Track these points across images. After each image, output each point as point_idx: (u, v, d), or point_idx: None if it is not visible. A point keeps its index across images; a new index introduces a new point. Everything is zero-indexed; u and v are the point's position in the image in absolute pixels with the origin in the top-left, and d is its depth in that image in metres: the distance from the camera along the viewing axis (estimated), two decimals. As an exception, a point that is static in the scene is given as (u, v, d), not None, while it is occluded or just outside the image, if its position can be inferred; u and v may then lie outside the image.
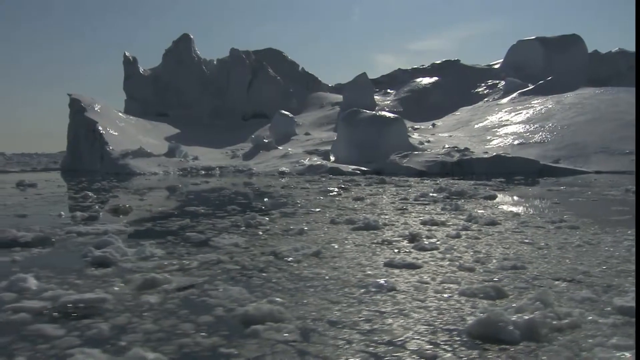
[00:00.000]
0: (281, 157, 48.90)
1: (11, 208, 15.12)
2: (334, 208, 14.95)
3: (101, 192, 21.64)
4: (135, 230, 10.30)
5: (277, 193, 21.44)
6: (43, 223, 11.30)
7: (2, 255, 7.85)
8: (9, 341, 4.26)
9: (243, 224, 11.26)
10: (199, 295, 5.64)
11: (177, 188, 23.99)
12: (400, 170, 38.98)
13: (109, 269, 6.89)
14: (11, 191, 22.98)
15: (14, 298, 5.49)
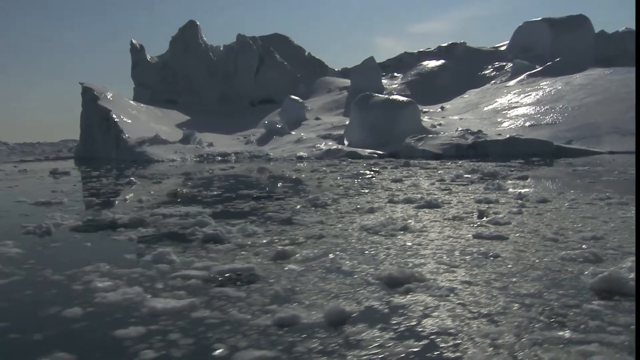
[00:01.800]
0: (295, 142, 49.51)
1: (74, 194, 15.83)
2: (379, 189, 15.64)
3: (142, 179, 22.31)
4: (213, 211, 11.00)
5: (312, 176, 22.13)
6: (120, 207, 12.01)
7: (117, 235, 8.57)
8: (206, 301, 4.97)
9: (309, 204, 11.94)
10: (332, 263, 6.35)
11: (212, 173, 24.66)
12: (416, 153, 39.63)
13: (228, 244, 7.59)
14: (50, 179, 23.66)
15: (171, 268, 6.21)
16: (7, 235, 8.57)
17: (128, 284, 5.53)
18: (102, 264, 6.52)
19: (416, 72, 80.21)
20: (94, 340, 4.06)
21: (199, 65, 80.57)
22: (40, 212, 11.75)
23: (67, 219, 10.33)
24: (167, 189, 16.47)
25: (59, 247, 7.83)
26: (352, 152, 39.94)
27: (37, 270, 6.37)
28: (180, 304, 4.76)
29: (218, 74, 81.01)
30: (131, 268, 6.23)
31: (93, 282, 5.64)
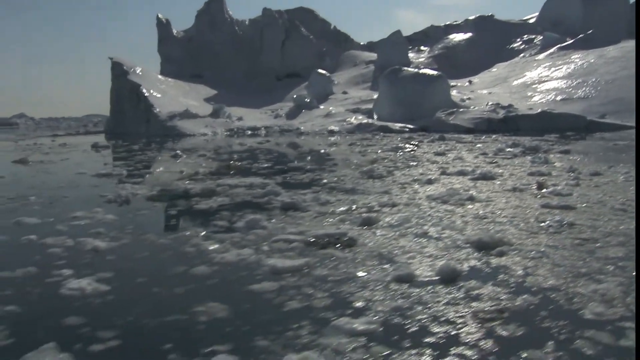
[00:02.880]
0: (325, 116, 49.71)
1: (128, 167, 16.39)
2: (426, 162, 15.92)
3: (187, 152, 22.84)
4: (275, 182, 11.41)
5: (352, 149, 22.44)
6: (181, 179, 12.51)
7: (196, 203, 9.04)
8: (319, 260, 5.39)
9: (365, 176, 12.30)
10: (417, 229, 6.73)
11: (250, 147, 25.11)
12: (447, 128, 39.59)
13: (308, 211, 8.01)
14: (94, 152, 24.31)
15: (268, 233, 6.64)
16: (91, 204, 9.08)
17: (236, 247, 5.97)
18: (199, 229, 6.98)
19: (443, 46, 79.40)
20: (236, 294, 4.49)
21: (225, 39, 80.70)
22: (106, 183, 12.29)
23: (138, 189, 10.83)
24: (214, 161, 16.95)
25: (147, 214, 8.31)
26: (383, 126, 40.07)
27: (140, 234, 6.85)
28: (297, 262, 5.18)
29: (244, 48, 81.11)
30: (229, 233, 6.67)
31: (202, 245, 6.09)
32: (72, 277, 4.88)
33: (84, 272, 5.06)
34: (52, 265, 5.37)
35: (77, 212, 8.30)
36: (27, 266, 5.30)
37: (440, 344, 3.40)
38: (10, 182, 12.66)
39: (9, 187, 11.69)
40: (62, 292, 4.52)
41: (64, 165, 17.83)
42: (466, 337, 3.51)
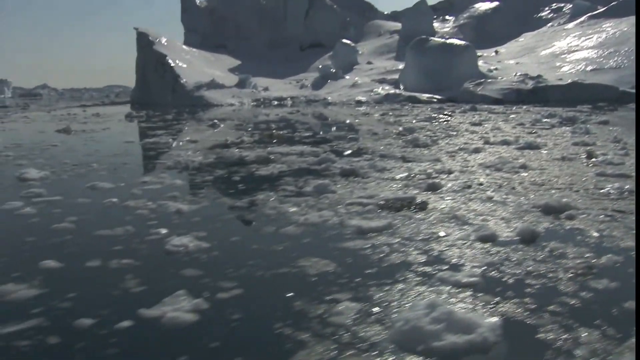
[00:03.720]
0: (351, 86, 49.62)
1: (171, 136, 16.77)
2: (465, 132, 16.05)
3: (223, 121, 23.18)
4: (324, 150, 11.68)
5: (386, 119, 22.58)
6: (229, 147, 12.85)
7: (255, 170, 9.36)
8: (399, 221, 5.68)
9: (410, 145, 12.51)
10: (481, 194, 6.97)
11: (283, 117, 25.36)
12: (475, 98, 39.35)
13: (369, 177, 8.30)
14: (129, 122, 24.76)
15: (339, 197, 6.95)
16: (154, 170, 9.47)
17: (314, 210, 6.28)
18: (269, 193, 7.30)
19: (468, 15, 78.17)
20: (333, 251, 4.80)
21: (248, 9, 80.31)
22: (158, 151, 12.65)
23: (192, 156, 11.18)
24: (254, 130, 17.25)
25: (214, 179, 8.65)
26: (411, 97, 39.99)
27: (216, 198, 7.21)
28: (380, 223, 5.48)
29: (267, 18, 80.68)
30: (302, 197, 6.99)
31: (280, 208, 6.42)
32: (171, 235, 5.23)
33: (178, 231, 5.40)
34: (147, 225, 5.74)
35: (145, 177, 8.67)
36: (123, 225, 5.66)
37: (541, 295, 3.67)
38: (65, 150, 13.10)
39: (66, 154, 12.12)
40: (168, 248, 4.86)
41: (108, 134, 18.28)
42: (564, 289, 3.78)
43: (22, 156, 11.77)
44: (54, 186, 8.11)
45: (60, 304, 3.67)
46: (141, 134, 17.15)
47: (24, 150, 12.82)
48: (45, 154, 12.16)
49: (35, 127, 22.35)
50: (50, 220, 5.98)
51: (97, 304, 3.67)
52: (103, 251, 4.83)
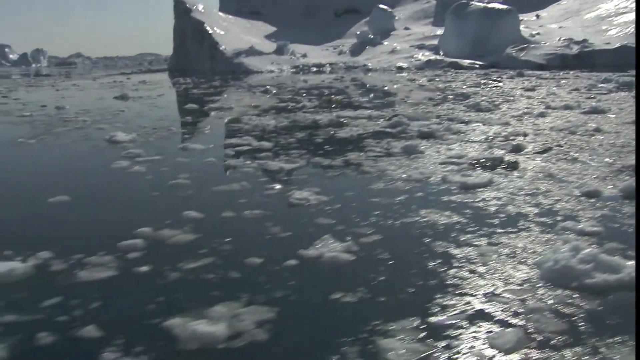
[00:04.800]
0: (390, 52, 49.28)
1: (232, 102, 17.19)
2: (520, 97, 16.10)
3: (276, 87, 23.50)
4: (390, 114, 11.94)
5: (435, 85, 22.61)
6: (293, 112, 13.21)
7: (333, 133, 9.69)
8: (498, 176, 5.98)
9: (472, 109, 12.68)
10: (567, 155, 7.20)
11: (328, 83, 25.55)
12: (517, 64, 38.80)
13: (447, 139, 8.58)
14: (183, 90, 25.26)
15: (429, 156, 7.26)
16: (235, 132, 9.87)
17: (411, 168, 6.61)
18: (360, 153, 7.64)
19: (509, -22, 76.00)
20: (450, 204, 5.14)
21: (283, -26, 79.64)
22: (226, 115, 13.06)
23: (265, 120, 11.57)
24: (309, 96, 17.55)
25: (298, 141, 9.01)
26: (453, 63, 39.66)
27: (313, 157, 7.58)
28: (483, 179, 5.80)
29: (302, -17, 79.95)
30: (394, 157, 7.32)
31: (378, 166, 6.77)
32: (289, 190, 5.63)
33: (292, 187, 5.81)
34: (258, 182, 6.17)
35: (229, 140, 9.10)
36: (237, 181, 6.09)
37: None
38: (135, 115, 13.62)
39: (138, 119, 12.64)
40: (292, 201, 5.27)
41: (167, 100, 18.82)
42: (685, 237, 4.06)
43: (97, 121, 12.31)
44: (147, 147, 8.57)
45: (222, 247, 4.10)
46: (198, 100, 17.60)
47: (96, 116, 13.37)
48: (118, 119, 12.68)
49: (90, 94, 23.01)
50: (164, 177, 6.44)
51: (255, 246, 4.09)
52: (231, 203, 5.25)
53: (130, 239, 4.21)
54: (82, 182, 6.52)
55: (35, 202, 5.54)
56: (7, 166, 7.78)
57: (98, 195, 5.91)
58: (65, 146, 9.12)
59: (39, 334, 2.83)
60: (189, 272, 3.62)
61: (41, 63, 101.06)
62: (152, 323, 2.91)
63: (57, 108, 15.34)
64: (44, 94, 22.73)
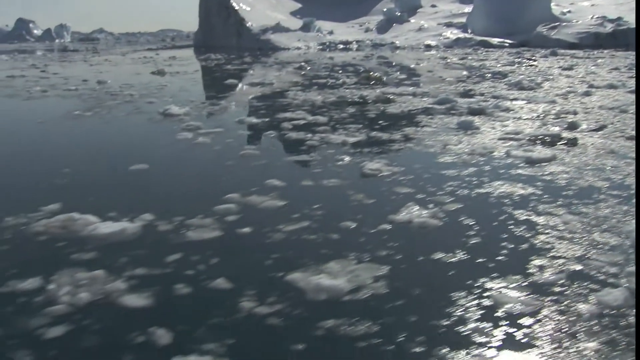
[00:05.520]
0: (417, 30, 48.85)
1: (272, 78, 17.37)
2: (559, 76, 16.03)
3: (309, 63, 23.59)
4: (431, 92, 12.03)
5: (468, 63, 22.52)
6: (336, 89, 13.37)
7: (385, 109, 9.85)
8: (560, 152, 6.13)
9: (514, 87, 12.72)
10: (623, 133, 7.28)
11: (362, 60, 25.55)
12: (549, 43, 38.23)
13: (498, 116, 8.70)
14: (215, 66, 25.45)
15: (483, 132, 7.40)
16: (287, 107, 10.07)
17: (472, 143, 6.77)
18: (415, 128, 7.81)
19: (539, -46, 74.41)
20: (518, 176, 5.31)
21: (309, -50, 78.77)
22: (270, 90, 13.27)
23: (312, 95, 11.75)
24: (345, 73, 17.66)
25: (351, 116, 9.20)
26: (483, 41, 39.25)
27: (371, 132, 7.76)
28: (546, 154, 5.96)
29: (327, -41, 79.05)
30: (451, 131, 7.48)
31: (439, 140, 6.93)
32: (359, 162, 5.85)
33: (362, 158, 6.03)
34: (327, 153, 6.40)
35: (283, 114, 9.30)
36: (307, 153, 6.32)
37: None
38: (179, 90, 13.89)
39: (183, 93, 12.92)
40: (365, 172, 5.50)
41: (204, 75, 19.05)
42: None
43: (144, 95, 12.58)
44: (204, 120, 8.84)
45: (313, 212, 4.34)
46: (236, 75, 17.81)
47: (141, 90, 13.65)
48: (164, 93, 12.95)
49: (126, 69, 23.31)
50: (232, 148, 6.73)
51: (344, 212, 4.33)
52: (307, 173, 5.50)
53: (223, 204, 4.46)
54: (154, 151, 6.80)
55: (117, 169, 5.83)
56: (74, 138, 8.09)
57: (174, 163, 6.18)
58: (122, 119, 9.40)
59: (176, 285, 3.09)
60: (290, 234, 3.87)
61: (65, 38, 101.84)
62: (275, 277, 3.16)
63: (99, 82, 15.64)
64: (80, 69, 23.10)
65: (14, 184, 5.40)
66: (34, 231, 4.01)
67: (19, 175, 5.80)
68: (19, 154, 6.85)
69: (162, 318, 2.71)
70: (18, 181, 5.53)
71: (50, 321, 2.73)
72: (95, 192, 4.96)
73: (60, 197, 4.63)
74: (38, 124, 9.05)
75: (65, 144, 7.55)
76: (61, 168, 5.78)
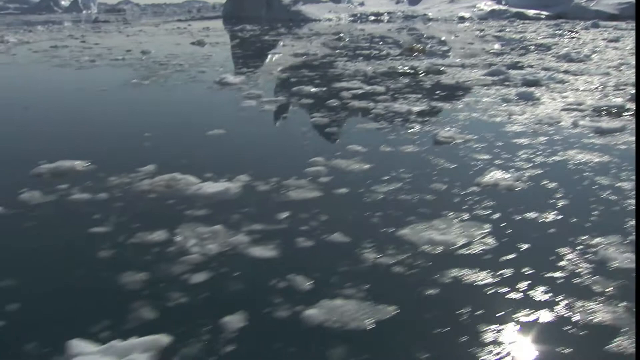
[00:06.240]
0: (450, 1, 48.15)
1: (315, 49, 17.45)
2: (607, 48, 15.83)
3: (347, 33, 23.57)
4: (481, 64, 12.03)
5: (507, 35, 22.28)
6: (383, 60, 13.43)
7: (439, 80, 9.94)
8: (631, 125, 6.20)
9: (563, 59, 12.65)
10: None
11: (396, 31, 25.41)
12: (587, 14, 37.46)
13: (553, 87, 8.75)
14: (250, 37, 25.54)
15: (543, 102, 7.48)
16: (340, 77, 10.21)
17: (535, 114, 6.87)
18: (473, 97, 7.91)
19: None
20: (584, 145, 5.43)
21: None
22: (318, 61, 13.38)
23: (361, 65, 11.87)
24: (385, 44, 17.66)
25: (406, 87, 9.32)
26: (518, 13, 38.62)
27: (431, 101, 7.89)
28: (616, 125, 6.05)
29: None
30: (511, 102, 7.58)
31: (502, 109, 7.04)
32: (431, 130, 6.02)
33: (431, 126, 6.19)
34: (394, 122, 6.56)
35: (339, 83, 9.45)
36: (376, 121, 6.49)
37: None
38: (225, 59, 14.16)
39: (229, 64, 13.11)
40: (439, 139, 5.66)
41: (244, 46, 19.22)
42: None
43: (193, 65, 12.82)
44: (262, 89, 9.05)
45: (400, 175, 4.53)
46: (275, 46, 17.96)
47: (189, 60, 13.88)
48: (212, 63, 13.17)
49: (164, 40, 23.53)
50: (300, 115, 6.94)
51: (430, 175, 4.52)
52: (382, 139, 5.69)
53: (312, 167, 4.69)
54: (225, 118, 7.05)
55: (196, 134, 6.07)
56: (142, 104, 8.36)
57: (248, 129, 6.42)
58: (182, 87, 9.65)
59: (296, 239, 3.33)
60: (386, 194, 4.09)
61: (91, 9, 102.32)
62: (387, 232, 3.39)
63: (143, 53, 15.89)
64: (118, 40, 23.39)
65: (105, 147, 5.68)
66: (140, 189, 4.28)
67: (106, 138, 6.08)
68: (96, 120, 7.14)
69: (294, 267, 2.95)
70: (107, 144, 5.80)
71: (191, 268, 2.99)
72: (184, 155, 5.21)
73: (152, 160, 4.89)
74: (101, 91, 9.34)
75: (137, 110, 7.85)
76: (142, 132, 6.04)
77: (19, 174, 4.74)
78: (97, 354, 2.26)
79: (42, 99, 8.92)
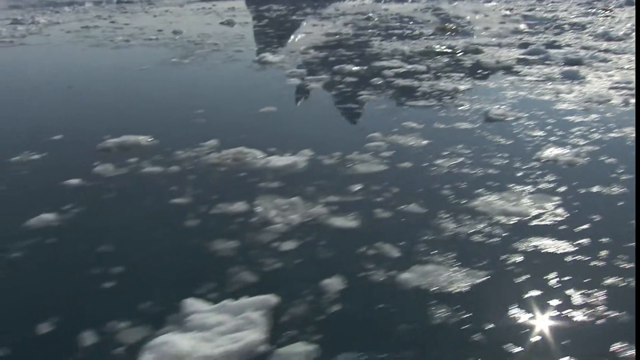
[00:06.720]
0: (476, -20, 47.25)
1: (349, 28, 17.43)
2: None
3: (377, 14, 23.47)
4: (513, 40, 11.96)
5: (538, 15, 22.00)
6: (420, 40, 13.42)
7: (481, 59, 9.94)
8: None
9: (601, 38, 12.52)
10: None
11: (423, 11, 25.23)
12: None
13: (592, 66, 8.71)
14: (276, 17, 25.52)
15: (592, 84, 7.48)
16: (384, 57, 10.25)
17: (584, 93, 6.89)
18: (514, 77, 7.94)
19: None
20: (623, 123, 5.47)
21: None
22: (354, 40, 13.41)
23: (397, 45, 11.88)
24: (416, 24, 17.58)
25: (445, 66, 9.35)
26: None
27: (475, 80, 7.93)
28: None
29: None
30: (556, 81, 7.59)
31: (549, 89, 7.06)
32: (480, 107, 6.09)
33: (479, 104, 6.26)
34: (443, 100, 6.64)
35: (380, 62, 9.52)
36: (424, 99, 6.57)
37: None
38: (256, 39, 14.15)
39: (266, 43, 13.16)
40: (491, 116, 5.73)
41: (274, 26, 19.22)
42: None
43: (228, 44, 12.94)
44: (303, 68, 9.17)
45: (457, 150, 4.64)
46: (306, 26, 17.93)
47: (223, 39, 14.01)
48: (246, 42, 13.32)
49: (192, 20, 23.60)
50: (348, 93, 7.04)
51: (487, 151, 4.61)
52: (435, 116, 5.79)
53: (372, 142, 4.81)
54: (273, 95, 7.16)
55: (249, 111, 6.21)
56: (185, 83, 8.50)
57: (299, 106, 6.57)
58: (222, 66, 9.78)
59: (374, 209, 3.47)
60: (450, 168, 4.23)
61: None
62: (459, 204, 3.53)
63: (175, 32, 16.03)
64: (146, 20, 23.51)
65: (163, 122, 5.85)
66: (209, 162, 4.45)
67: (163, 114, 6.26)
68: (147, 97, 7.33)
69: (379, 236, 3.09)
70: (165, 120, 5.97)
71: (279, 237, 3.14)
72: (243, 131, 5.36)
73: (213, 135, 5.04)
74: (142, 70, 9.51)
75: (184, 88, 7.99)
76: (195, 109, 6.19)
77: (86, 149, 4.93)
78: (212, 312, 2.42)
79: (86, 77, 9.13)
